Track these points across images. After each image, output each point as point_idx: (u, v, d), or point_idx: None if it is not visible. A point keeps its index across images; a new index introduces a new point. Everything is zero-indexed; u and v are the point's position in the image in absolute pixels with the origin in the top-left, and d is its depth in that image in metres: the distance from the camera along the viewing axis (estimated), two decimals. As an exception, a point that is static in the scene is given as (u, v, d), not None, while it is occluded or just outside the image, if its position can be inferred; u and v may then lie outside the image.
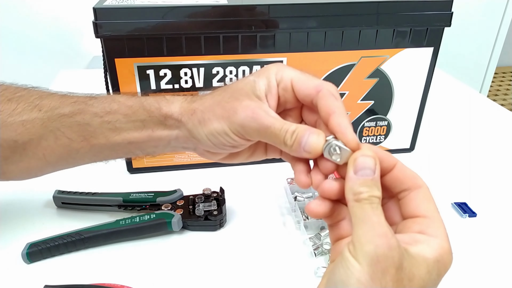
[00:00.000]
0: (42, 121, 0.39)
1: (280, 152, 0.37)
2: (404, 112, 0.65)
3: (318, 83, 0.32)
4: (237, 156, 0.39)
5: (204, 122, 0.35)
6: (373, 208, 0.26)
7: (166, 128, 0.38)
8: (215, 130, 0.35)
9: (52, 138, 0.40)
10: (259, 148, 0.39)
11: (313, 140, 0.30)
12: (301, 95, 0.33)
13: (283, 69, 0.34)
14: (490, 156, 0.69)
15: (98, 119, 0.39)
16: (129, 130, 0.39)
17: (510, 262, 0.48)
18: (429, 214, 0.28)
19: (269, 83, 0.34)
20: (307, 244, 0.49)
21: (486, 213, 0.55)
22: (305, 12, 0.54)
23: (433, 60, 0.61)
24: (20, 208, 0.54)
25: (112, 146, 0.40)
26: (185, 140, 0.38)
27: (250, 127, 0.33)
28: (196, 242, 0.50)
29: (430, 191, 0.29)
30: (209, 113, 0.35)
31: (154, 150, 0.41)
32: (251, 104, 0.33)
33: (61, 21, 1.44)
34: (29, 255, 0.45)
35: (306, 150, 0.30)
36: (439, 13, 0.57)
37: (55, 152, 0.40)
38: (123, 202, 0.52)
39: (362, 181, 0.27)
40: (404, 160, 0.71)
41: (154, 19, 0.51)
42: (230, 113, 0.34)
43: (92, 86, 0.60)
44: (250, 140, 0.35)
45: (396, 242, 0.25)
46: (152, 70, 0.55)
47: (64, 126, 0.39)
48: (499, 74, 3.00)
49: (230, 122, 0.34)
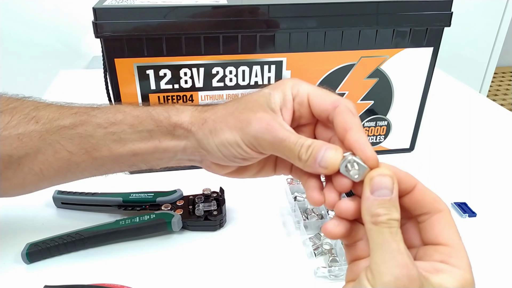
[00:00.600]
0: (40, 133, 0.37)
1: (290, 169, 0.36)
2: (404, 112, 0.65)
3: (336, 98, 0.31)
4: (244, 171, 0.38)
5: (216, 132, 0.34)
6: (392, 233, 0.25)
7: (174, 138, 0.37)
8: (227, 141, 0.33)
9: (50, 151, 0.37)
10: (268, 164, 0.37)
11: (331, 155, 0.29)
12: (317, 110, 0.32)
13: (299, 84, 0.33)
14: (490, 156, 0.69)
15: (101, 130, 0.37)
16: (134, 141, 0.37)
17: (510, 262, 0.48)
18: (452, 242, 0.27)
19: (284, 97, 0.33)
20: (307, 244, 0.49)
21: (486, 213, 0.55)
22: (305, 12, 0.54)
23: (432, 60, 0.61)
24: (20, 208, 0.54)
25: (115, 159, 0.38)
26: (192, 151, 0.37)
27: (263, 139, 0.32)
28: (196, 242, 0.50)
29: (451, 215, 0.28)
30: (221, 123, 0.34)
31: (158, 163, 0.39)
32: (266, 116, 0.32)
33: (61, 21, 1.44)
34: (29, 255, 0.45)
35: (322, 166, 0.29)
36: (438, 13, 0.57)
37: (53, 167, 0.38)
38: (123, 202, 0.52)
39: (379, 202, 0.25)
40: (404, 160, 0.70)
41: (154, 19, 0.51)
42: (244, 124, 0.33)
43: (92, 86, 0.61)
44: (262, 154, 0.34)
45: (416, 273, 0.24)
46: (152, 70, 0.55)
47: (64, 139, 0.37)
48: (499, 74, 3.00)
49: (243, 133, 0.33)
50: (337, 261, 0.46)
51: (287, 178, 0.58)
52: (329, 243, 0.48)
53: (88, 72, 1.02)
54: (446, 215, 0.28)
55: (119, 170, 0.40)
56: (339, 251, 0.47)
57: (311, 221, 0.51)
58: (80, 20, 1.42)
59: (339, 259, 0.46)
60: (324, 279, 0.45)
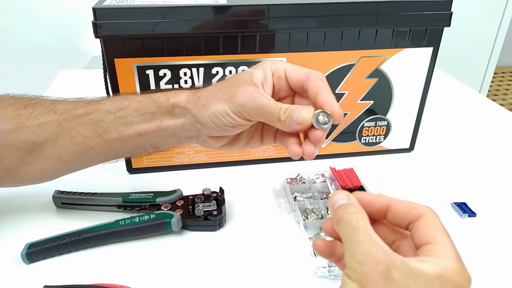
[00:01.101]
0: (58, 122, 0.42)
1: (274, 138, 0.42)
2: (404, 112, 0.65)
3: (308, 70, 0.38)
4: (236, 142, 0.43)
5: (208, 105, 0.40)
6: (354, 227, 0.27)
7: (173, 117, 0.42)
8: (218, 111, 0.39)
9: (67, 137, 0.42)
10: (256, 135, 0.43)
11: (304, 112, 0.36)
12: (293, 81, 0.39)
13: (277, 62, 0.40)
14: (489, 156, 0.69)
15: (111, 116, 0.42)
16: (139, 122, 0.42)
17: (510, 262, 0.48)
18: (436, 239, 0.28)
19: (265, 73, 0.39)
20: (307, 244, 0.49)
21: (485, 213, 0.55)
22: (305, 12, 0.54)
23: (432, 60, 0.61)
24: (20, 208, 0.54)
25: (123, 140, 0.43)
26: (189, 127, 0.42)
27: (249, 107, 0.38)
28: (196, 242, 0.50)
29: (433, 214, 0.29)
30: (212, 98, 0.40)
31: (161, 142, 0.44)
32: (250, 88, 0.38)
33: (61, 21, 1.44)
34: (28, 255, 0.45)
35: (297, 122, 0.36)
36: (438, 13, 0.57)
37: (70, 151, 0.43)
38: (123, 202, 0.52)
39: (338, 207, 0.29)
40: (404, 160, 0.70)
41: (154, 19, 0.51)
42: (231, 96, 0.38)
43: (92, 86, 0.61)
44: (249, 120, 0.39)
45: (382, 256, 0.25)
46: (152, 70, 0.55)
47: (79, 125, 0.42)
48: (499, 74, 3.00)
49: (231, 104, 0.38)
50: None
51: (287, 178, 0.58)
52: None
53: (88, 72, 1.03)
54: (427, 217, 0.29)
55: (127, 151, 0.45)
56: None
57: (311, 221, 0.51)
58: (80, 20, 1.42)
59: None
60: (324, 279, 0.45)
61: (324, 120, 0.35)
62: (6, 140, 0.42)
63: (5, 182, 0.45)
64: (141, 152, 0.45)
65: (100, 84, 0.58)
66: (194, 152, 0.62)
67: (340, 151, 0.67)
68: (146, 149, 0.45)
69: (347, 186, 0.56)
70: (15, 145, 0.42)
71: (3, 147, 0.42)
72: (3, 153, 0.42)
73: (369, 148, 0.67)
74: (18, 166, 0.43)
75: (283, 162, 0.65)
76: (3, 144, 0.42)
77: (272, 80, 0.40)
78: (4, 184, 0.45)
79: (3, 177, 0.44)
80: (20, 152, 0.42)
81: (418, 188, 0.60)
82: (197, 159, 0.63)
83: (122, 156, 0.46)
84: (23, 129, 0.42)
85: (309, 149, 0.37)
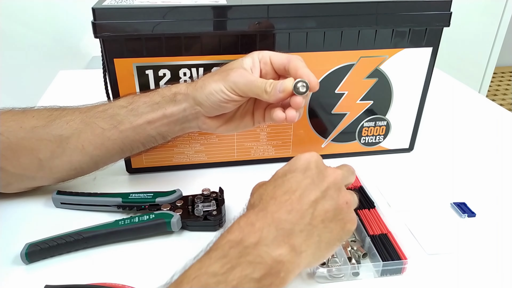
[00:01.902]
0: (81, 118, 0.49)
1: (263, 116, 0.50)
2: (403, 112, 0.65)
3: (289, 55, 0.47)
4: (230, 122, 0.50)
5: (205, 86, 0.47)
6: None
7: (176, 104, 0.48)
8: (213, 89, 0.46)
9: (89, 130, 0.49)
10: (247, 116, 0.50)
11: (285, 82, 0.44)
12: (277, 64, 0.47)
13: (263, 51, 0.48)
14: (489, 156, 0.69)
15: (124, 109, 0.49)
16: (147, 112, 0.49)
17: (509, 262, 0.48)
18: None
19: (253, 60, 0.47)
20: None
21: (485, 213, 0.55)
22: (304, 12, 0.54)
23: (432, 60, 0.61)
24: (20, 209, 0.54)
25: (134, 129, 0.49)
26: (190, 110, 0.48)
27: (240, 83, 0.45)
28: (196, 242, 0.50)
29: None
30: (208, 80, 0.47)
31: (166, 129, 0.50)
32: (240, 69, 0.46)
33: (60, 21, 1.44)
34: (28, 255, 0.45)
35: (280, 91, 0.44)
36: (438, 13, 0.57)
37: (92, 142, 0.49)
38: (122, 203, 0.52)
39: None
40: (403, 160, 0.70)
41: (153, 19, 0.51)
42: (224, 76, 0.46)
43: (91, 86, 0.61)
44: (241, 96, 0.46)
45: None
46: (151, 70, 0.55)
47: (98, 119, 0.49)
48: (498, 74, 3.01)
49: (225, 82, 0.45)
50: (337, 262, 0.46)
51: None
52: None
53: (88, 73, 1.02)
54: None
55: (139, 142, 0.51)
56: (338, 251, 0.47)
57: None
58: (79, 20, 1.42)
59: (338, 260, 0.46)
60: (323, 279, 0.45)
61: (302, 87, 0.43)
62: (40, 134, 0.49)
63: (39, 173, 0.51)
64: (151, 142, 0.51)
65: (100, 84, 0.58)
66: (193, 152, 0.62)
67: (340, 151, 0.67)
68: (155, 139, 0.51)
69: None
70: (46, 139, 0.49)
71: (37, 140, 0.49)
72: (37, 146, 0.49)
73: (369, 148, 0.67)
74: (49, 158, 0.49)
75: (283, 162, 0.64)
76: (37, 138, 0.49)
77: (259, 66, 0.47)
78: (39, 176, 0.52)
79: (37, 169, 0.50)
80: (50, 145, 0.49)
81: (417, 188, 0.60)
82: (197, 159, 0.63)
83: (136, 148, 0.51)
84: (53, 125, 0.49)
85: (291, 113, 0.45)
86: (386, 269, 0.45)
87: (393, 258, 0.45)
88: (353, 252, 0.47)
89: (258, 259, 0.33)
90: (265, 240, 0.33)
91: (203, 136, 0.61)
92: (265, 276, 0.32)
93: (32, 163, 0.50)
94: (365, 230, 0.49)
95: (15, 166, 0.50)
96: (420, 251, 0.49)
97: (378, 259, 0.45)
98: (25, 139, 0.48)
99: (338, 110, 0.63)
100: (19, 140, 0.48)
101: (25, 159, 0.49)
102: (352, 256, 0.46)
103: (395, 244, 0.47)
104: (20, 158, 0.49)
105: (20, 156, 0.49)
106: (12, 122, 0.49)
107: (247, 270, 0.32)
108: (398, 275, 0.46)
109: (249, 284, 0.32)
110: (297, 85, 0.43)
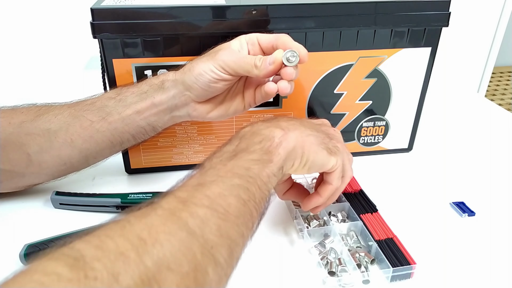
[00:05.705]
0: (69, 112, 0.49)
1: (254, 97, 0.50)
2: (402, 112, 0.65)
3: (276, 34, 0.47)
4: (221, 105, 0.50)
5: (193, 68, 0.47)
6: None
7: (164, 92, 0.48)
8: (203, 69, 0.46)
9: (77, 123, 0.48)
10: (238, 98, 0.51)
11: (275, 54, 0.45)
12: (265, 44, 0.48)
13: (250, 34, 0.49)
14: (488, 156, 0.69)
15: (112, 100, 0.49)
16: (136, 102, 0.48)
17: (509, 261, 0.48)
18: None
19: (240, 42, 0.48)
20: (312, 252, 0.48)
21: (485, 212, 0.55)
22: (303, 12, 0.54)
23: (431, 60, 0.61)
24: (18, 210, 0.54)
25: (123, 120, 0.48)
26: (180, 96, 0.48)
27: (229, 60, 0.45)
28: (195, 242, 0.49)
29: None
30: (197, 62, 0.47)
31: (156, 119, 0.49)
32: (229, 49, 0.46)
33: (58, 21, 1.43)
34: (26, 256, 0.45)
35: (270, 63, 0.44)
36: (437, 13, 0.57)
37: (81, 136, 0.49)
38: (121, 203, 0.52)
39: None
40: (402, 160, 0.70)
41: (152, 20, 0.51)
42: (213, 56, 0.46)
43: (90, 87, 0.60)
44: (230, 74, 0.46)
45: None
46: (150, 71, 0.55)
47: (87, 112, 0.49)
48: (497, 74, 3.01)
49: (214, 60, 0.46)
50: (346, 271, 0.45)
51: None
52: (335, 250, 0.48)
53: (86, 73, 1.02)
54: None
55: (129, 134, 0.50)
56: (347, 259, 0.46)
57: (314, 229, 0.50)
58: (77, 21, 1.42)
59: (347, 269, 0.45)
60: None
61: (292, 56, 0.44)
62: (28, 129, 0.48)
63: (28, 169, 0.50)
64: (141, 134, 0.51)
65: (99, 84, 0.58)
66: (192, 153, 0.62)
67: (339, 151, 0.66)
68: (145, 130, 0.50)
69: (346, 191, 0.56)
70: (34, 133, 0.48)
71: (26, 135, 0.48)
72: (25, 141, 0.48)
73: (368, 148, 0.67)
74: (37, 153, 0.49)
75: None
76: (26, 132, 0.48)
77: (247, 47, 0.48)
78: (28, 172, 0.50)
79: (26, 165, 0.49)
80: (38, 139, 0.48)
81: (416, 188, 0.60)
82: (196, 159, 0.63)
83: (126, 141, 0.51)
84: (42, 119, 0.48)
85: (283, 83, 0.45)
86: (396, 274, 0.44)
87: (402, 263, 0.45)
88: (361, 258, 0.46)
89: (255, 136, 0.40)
90: (258, 127, 0.41)
91: (202, 136, 0.61)
92: (263, 140, 0.39)
93: (21, 158, 0.49)
94: (371, 235, 0.48)
95: (4, 162, 0.49)
96: (425, 254, 0.48)
97: (387, 264, 0.44)
98: (13, 134, 0.48)
99: (337, 110, 0.63)
100: (8, 135, 0.48)
101: (14, 154, 0.48)
102: (361, 263, 0.46)
103: (402, 249, 0.46)
104: (9, 154, 0.48)
105: (9, 151, 0.48)
106: (1, 118, 0.48)
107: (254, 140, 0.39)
108: (407, 279, 0.45)
109: (254, 146, 0.38)
110: (287, 55, 0.44)
